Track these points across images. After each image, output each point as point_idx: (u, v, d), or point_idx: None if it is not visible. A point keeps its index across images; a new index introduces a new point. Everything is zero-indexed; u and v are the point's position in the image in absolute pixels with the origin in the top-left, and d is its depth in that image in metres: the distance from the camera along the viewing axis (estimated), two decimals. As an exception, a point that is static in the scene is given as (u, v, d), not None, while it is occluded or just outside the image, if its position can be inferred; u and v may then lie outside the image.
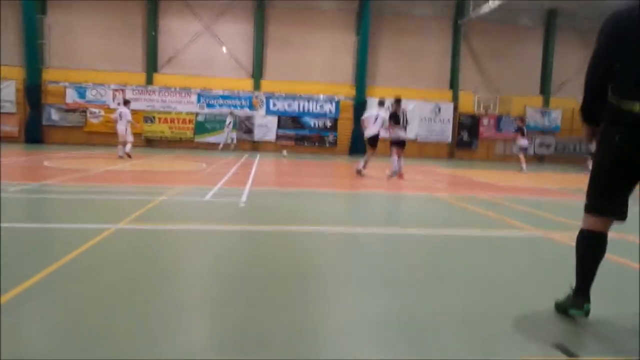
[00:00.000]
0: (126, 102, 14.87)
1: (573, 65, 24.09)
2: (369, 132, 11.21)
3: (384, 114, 11.30)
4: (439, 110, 24.09)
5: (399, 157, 10.80)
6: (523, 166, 15.46)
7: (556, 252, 4.31)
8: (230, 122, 21.69)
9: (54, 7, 22.15)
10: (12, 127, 21.96)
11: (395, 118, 10.99)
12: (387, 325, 2.44)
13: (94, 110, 22.16)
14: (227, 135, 21.69)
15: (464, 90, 24.28)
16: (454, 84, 24.32)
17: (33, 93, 21.52)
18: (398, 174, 10.80)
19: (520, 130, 16.32)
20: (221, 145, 21.28)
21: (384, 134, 11.51)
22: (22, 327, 2.25)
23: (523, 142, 16.07)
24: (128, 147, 13.82)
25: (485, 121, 24.44)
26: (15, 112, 21.91)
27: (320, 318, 2.52)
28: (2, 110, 21.75)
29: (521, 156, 15.87)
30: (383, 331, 2.37)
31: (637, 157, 2.38)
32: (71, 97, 22.07)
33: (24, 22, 20.98)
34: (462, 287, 3.14)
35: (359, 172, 11.26)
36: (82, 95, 22.13)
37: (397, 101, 11.26)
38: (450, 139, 24.24)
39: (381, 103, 11.63)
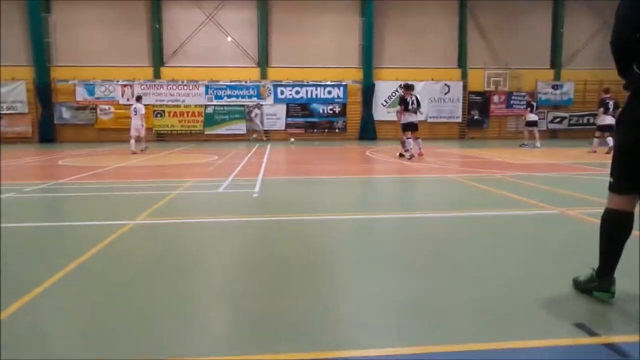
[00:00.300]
0: (139, 98, 15.16)
1: (583, 35, 23.58)
2: (404, 119, 11.65)
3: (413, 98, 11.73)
4: (448, 89, 23.80)
5: (415, 139, 11.38)
6: (537, 143, 15.56)
7: (574, 229, 4.27)
8: (257, 114, 22.26)
9: (58, 5, 22.20)
10: (25, 127, 22.23)
11: (405, 103, 11.46)
12: (405, 310, 2.45)
13: (103, 107, 22.32)
14: (258, 125, 22.35)
15: (473, 68, 23.92)
16: (462, 62, 23.96)
17: (43, 92, 21.73)
18: (419, 153, 11.56)
19: (529, 106, 16.35)
20: (257, 135, 22.09)
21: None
22: (50, 320, 2.30)
23: (532, 116, 16.08)
24: (143, 143, 14.49)
25: (495, 98, 24.11)
26: (27, 112, 22.16)
27: (336, 305, 2.54)
28: (14, 111, 22.01)
29: (534, 132, 15.96)
30: (400, 313, 2.38)
31: None
32: (81, 94, 22.23)
33: (29, 22, 21.10)
34: (481, 268, 3.13)
35: (402, 156, 11.66)
36: (91, 92, 22.27)
37: (407, 86, 11.86)
38: (460, 119, 23.99)
39: (409, 88, 11.93)
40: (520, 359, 1.97)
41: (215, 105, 22.72)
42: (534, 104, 16.71)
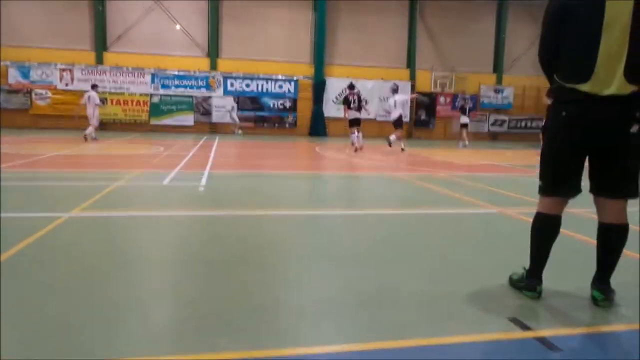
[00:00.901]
0: (94, 86, 15.23)
1: (524, 42, 24.78)
2: (392, 116, 13.64)
3: (400, 97, 13.73)
4: (397, 89, 24.25)
5: (358, 132, 12.64)
6: (465, 142, 17.32)
7: (511, 227, 4.48)
8: (233, 107, 21.61)
9: (-10, -20, 20.60)
10: (-52, 110, 20.50)
11: (347, 102, 12.86)
12: (344, 303, 2.46)
13: (40, 91, 21.02)
14: (234, 119, 21.60)
15: (421, 69, 24.56)
16: (411, 63, 24.54)
17: (-30, 73, 20.14)
18: (359, 146, 12.68)
19: (461, 109, 18.10)
20: (238, 130, 21.34)
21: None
22: (-33, 327, 2.13)
23: (463, 119, 17.82)
24: (89, 129, 14.21)
25: (442, 99, 24.89)
26: (-49, 95, 20.47)
27: (280, 298, 2.52)
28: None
29: (463, 133, 17.72)
30: (341, 310, 2.39)
31: (584, 134, 2.43)
32: (13, 77, 20.81)
33: (-44, -3, 19.46)
34: (420, 264, 3.21)
35: (390, 145, 13.50)
36: (25, 75, 20.91)
37: (349, 86, 13.49)
38: (408, 118, 24.55)
39: (395, 90, 13.93)
40: (455, 353, 2.03)
41: (162, 94, 21.99)
42: (467, 107, 18.39)
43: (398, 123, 13.58)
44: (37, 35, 21.03)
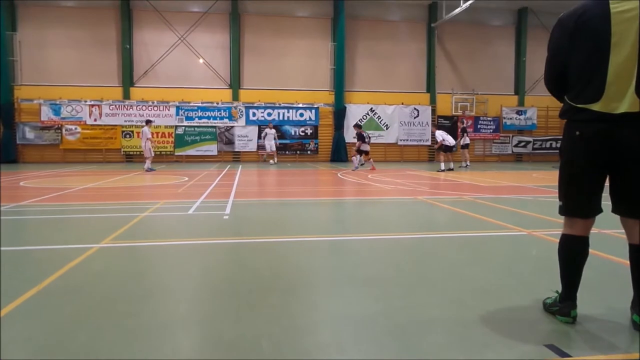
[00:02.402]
0: (148, 122, 16.03)
1: (544, 62, 24.61)
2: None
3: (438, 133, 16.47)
4: (418, 113, 24.35)
5: (366, 160, 16.59)
6: (467, 163, 18.30)
7: (541, 249, 4.37)
8: (268, 134, 20.74)
9: (25, 23, 21.76)
10: (-15, 147, 21.37)
11: (362, 138, 16.22)
12: (374, 329, 2.42)
13: (70, 127, 21.79)
14: (270, 146, 20.74)
15: (441, 93, 24.61)
16: (430, 87, 24.63)
17: (6, 112, 21.08)
18: (370, 167, 16.37)
19: (464, 131, 18.84)
20: (272, 160, 20.60)
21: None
22: (8, 349, 2.17)
23: (466, 140, 18.76)
24: (146, 163, 15.30)
25: (461, 123, 24.77)
26: (-12, 132, 21.36)
27: (307, 324, 2.50)
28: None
29: (465, 153, 18.56)
30: (369, 335, 2.35)
31: (599, 153, 2.39)
32: (46, 114, 21.67)
33: (-7, 40, 20.55)
34: (448, 288, 3.15)
35: (443, 171, 15.41)
36: (57, 112, 21.75)
37: (359, 126, 17.33)
38: (430, 142, 24.49)
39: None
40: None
41: (185, 126, 22.52)
42: (466, 128, 19.43)
43: (448, 149, 16.31)
44: (68, 75, 21.96)
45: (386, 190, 9.78)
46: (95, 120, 21.97)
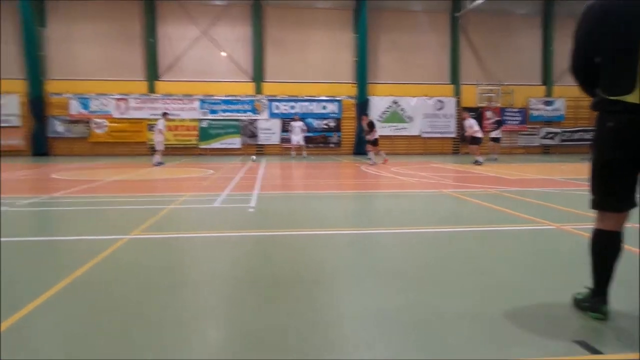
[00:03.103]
0: (164, 114, 15.78)
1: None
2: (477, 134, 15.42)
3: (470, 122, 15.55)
4: (442, 105, 24.03)
5: (376, 152, 15.57)
6: (494, 156, 17.64)
7: (572, 244, 4.28)
8: (292, 127, 20.80)
9: (53, 19, 22.27)
10: (18, 140, 22.11)
11: (373, 125, 15.55)
12: (399, 324, 2.42)
13: (98, 120, 22.28)
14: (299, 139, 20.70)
15: (466, 84, 24.21)
16: (454, 78, 24.26)
17: (37, 106, 21.66)
18: (384, 160, 15.61)
19: (498, 123, 18.64)
20: (303, 154, 20.54)
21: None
22: (41, 339, 2.26)
23: (493, 133, 18.19)
24: (155, 157, 14.96)
25: (488, 114, 24.36)
26: (21, 126, 22.05)
27: (332, 319, 2.51)
28: (7, 124, 21.90)
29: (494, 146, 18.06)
30: (395, 330, 2.36)
31: (633, 145, 2.31)
32: (75, 108, 22.19)
33: (23, 35, 21.12)
34: (479, 283, 3.12)
35: (480, 164, 14.66)
36: (85, 106, 22.25)
37: (365, 114, 17.24)
38: (454, 134, 24.17)
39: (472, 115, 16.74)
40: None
41: (210, 119, 22.76)
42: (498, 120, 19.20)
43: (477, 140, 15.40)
44: (95, 69, 22.42)
45: (410, 183, 9.71)
46: (122, 113, 22.40)
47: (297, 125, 20.73)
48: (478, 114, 24.07)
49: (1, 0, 21.55)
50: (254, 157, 19.79)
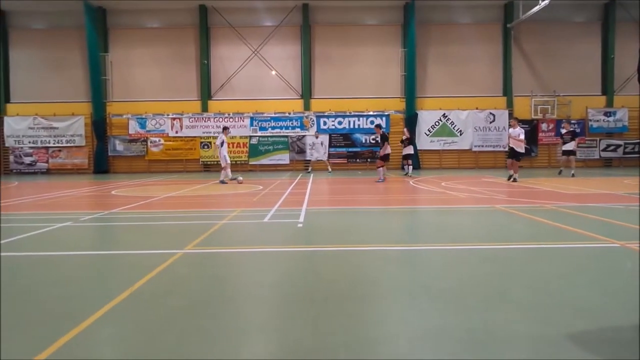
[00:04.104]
0: (224, 129, 15.28)
1: (636, 59, 22.70)
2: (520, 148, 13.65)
3: (519, 131, 13.67)
4: (494, 117, 23.40)
5: (380, 166, 14.43)
6: (571, 170, 15.49)
7: (637, 263, 4.02)
8: (314, 144, 21.84)
9: (115, 45, 23.70)
10: (82, 159, 23.54)
11: (386, 138, 14.34)
12: (453, 344, 2.35)
13: (154, 139, 23.34)
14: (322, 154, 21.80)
15: (519, 95, 23.47)
16: (507, 90, 23.59)
17: (99, 126, 23.03)
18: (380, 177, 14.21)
19: (574, 134, 16.35)
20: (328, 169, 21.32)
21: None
22: (102, 350, 2.36)
23: (566, 146, 15.95)
24: (223, 174, 14.62)
25: (544, 126, 23.48)
26: (84, 145, 23.49)
27: (384, 336, 2.48)
28: (72, 144, 23.43)
29: (569, 160, 15.87)
30: (449, 350, 2.29)
31: None
32: (133, 128, 23.37)
33: (89, 61, 22.58)
34: (533, 304, 2.98)
35: (512, 179, 13.35)
36: (142, 125, 23.38)
37: (380, 126, 15.21)
38: (507, 147, 23.38)
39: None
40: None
41: (259, 136, 23.28)
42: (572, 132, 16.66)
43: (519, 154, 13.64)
44: (152, 90, 23.60)
45: (461, 198, 9.48)
46: (176, 132, 23.35)
47: (317, 141, 21.74)
48: (532, 126, 23.25)
49: (70, 30, 23.20)
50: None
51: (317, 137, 21.98)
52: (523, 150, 13.62)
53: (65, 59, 23.52)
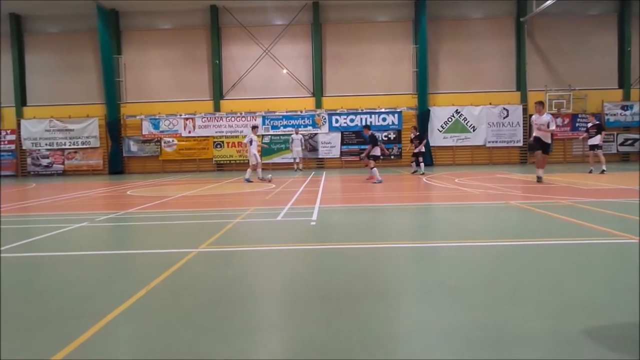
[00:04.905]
0: (253, 127, 15.29)
1: (654, 53, 22.32)
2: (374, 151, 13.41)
3: (548, 118, 11.57)
4: (507, 113, 23.17)
5: (370, 165, 13.49)
6: (601, 166, 14.58)
7: (656, 259, 3.95)
8: (292, 140, 21.83)
9: (128, 46, 23.95)
10: (97, 160, 23.86)
11: (375, 140, 13.40)
12: (468, 342, 2.34)
13: (167, 139, 23.55)
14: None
15: (533, 90, 23.20)
16: (521, 84, 23.33)
17: (114, 127, 23.31)
18: (369, 177, 13.66)
19: (600, 128, 15.38)
20: (299, 167, 21.66)
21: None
22: (120, 348, 2.40)
23: (592, 140, 15.10)
24: (248, 171, 14.50)
25: (559, 121, 23.15)
26: (99, 146, 23.80)
27: (399, 334, 2.47)
28: (87, 146, 23.78)
29: (597, 154, 14.96)
30: (465, 348, 2.27)
31: None
32: (147, 128, 23.62)
33: (102, 63, 22.85)
34: (548, 301, 2.95)
35: (538, 180, 11.65)
36: (156, 126, 23.61)
37: (369, 127, 14.54)
38: (521, 143, 23.17)
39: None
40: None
41: (272, 134, 23.35)
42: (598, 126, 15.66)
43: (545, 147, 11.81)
44: (165, 91, 23.82)
45: (475, 195, 9.40)
46: (189, 132, 23.54)
47: (297, 138, 21.50)
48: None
49: (83, 33, 23.50)
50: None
51: (296, 133, 21.82)
52: (549, 142, 11.69)
53: (80, 61, 23.85)
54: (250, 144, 14.45)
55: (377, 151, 13.38)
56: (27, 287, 3.60)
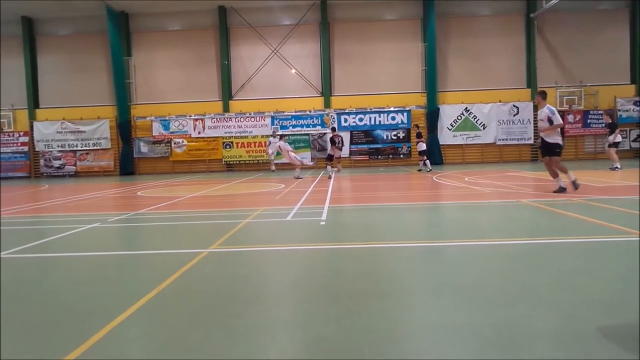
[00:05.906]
0: (282, 137, 17.31)
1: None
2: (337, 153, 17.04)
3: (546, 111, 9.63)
4: (517, 110, 22.99)
5: (333, 166, 16.91)
6: (613, 164, 14.45)
7: (670, 257, 3.90)
8: (270, 143, 21.29)
9: (138, 48, 24.14)
10: (108, 161, 24.09)
11: (334, 143, 16.84)
12: (479, 340, 2.33)
13: (177, 140, 23.70)
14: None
15: (544, 87, 22.96)
16: (531, 81, 23.13)
17: (124, 129, 23.51)
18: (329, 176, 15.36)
19: (613, 126, 15.25)
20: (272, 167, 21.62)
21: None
22: (131, 349, 2.42)
23: (610, 137, 14.95)
24: (297, 171, 15.93)
25: (570, 117, 22.93)
26: (110, 148, 24.02)
27: (408, 333, 2.47)
28: (98, 147, 24.02)
29: (609, 152, 14.90)
30: (475, 347, 2.27)
31: None
32: (157, 129, 23.79)
33: (112, 65, 23.05)
34: (560, 299, 2.93)
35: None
36: (166, 127, 23.77)
37: (334, 129, 17.91)
38: (532, 140, 22.98)
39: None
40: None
41: (280, 135, 23.37)
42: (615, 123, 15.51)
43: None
44: (174, 92, 23.98)
45: (485, 193, 9.35)
46: (199, 133, 23.67)
47: (274, 141, 21.07)
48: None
49: (94, 35, 23.73)
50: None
51: (273, 137, 21.21)
52: (559, 141, 9.11)
53: (90, 63, 24.09)
54: (282, 151, 16.19)
55: (338, 153, 15.94)
56: (41, 287, 3.65)
